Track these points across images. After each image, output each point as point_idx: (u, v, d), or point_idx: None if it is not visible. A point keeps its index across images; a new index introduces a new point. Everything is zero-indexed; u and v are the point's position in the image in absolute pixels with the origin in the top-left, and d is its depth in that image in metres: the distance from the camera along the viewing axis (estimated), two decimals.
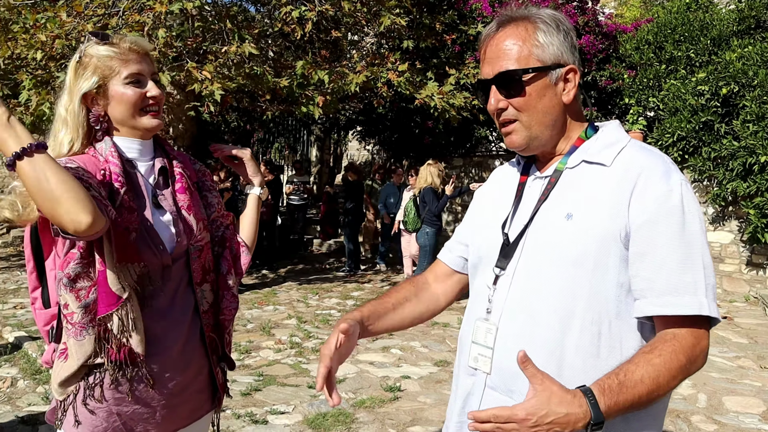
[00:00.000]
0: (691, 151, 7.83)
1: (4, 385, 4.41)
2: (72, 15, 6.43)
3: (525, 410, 1.04)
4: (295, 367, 4.88)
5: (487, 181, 1.52)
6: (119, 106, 1.54)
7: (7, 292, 7.64)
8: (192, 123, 8.58)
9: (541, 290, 1.20)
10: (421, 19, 8.64)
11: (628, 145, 1.24)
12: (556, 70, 1.23)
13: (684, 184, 1.16)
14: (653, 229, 1.13)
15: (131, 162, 1.58)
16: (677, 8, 9.31)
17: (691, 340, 1.12)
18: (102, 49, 1.52)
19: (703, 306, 1.12)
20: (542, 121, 1.24)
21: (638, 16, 11.37)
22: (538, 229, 1.24)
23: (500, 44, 1.24)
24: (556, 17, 1.25)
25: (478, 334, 1.27)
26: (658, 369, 1.09)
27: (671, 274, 1.12)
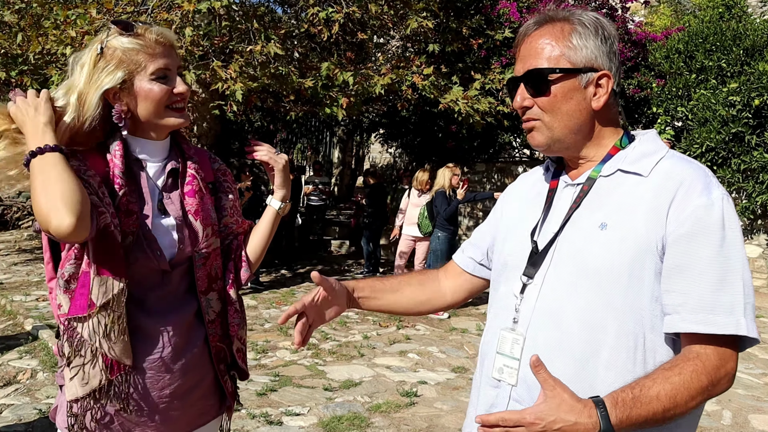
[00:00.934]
0: (719, 162, 7.68)
1: (24, 377, 4.45)
2: (102, 12, 6.50)
3: (534, 415, 1.03)
4: (312, 369, 4.86)
5: (514, 184, 1.48)
6: (145, 103, 1.45)
7: (30, 284, 7.74)
8: (216, 122, 8.63)
9: (571, 301, 1.16)
10: (447, 22, 8.60)
11: (666, 156, 1.19)
12: (587, 73, 1.19)
13: (725, 199, 1.11)
14: (691, 243, 1.09)
15: (140, 162, 1.50)
16: (710, 17, 9.16)
17: (716, 362, 1.08)
18: (126, 41, 1.43)
19: (741, 326, 1.07)
20: (566, 123, 1.21)
21: (668, 24, 11.21)
22: (569, 237, 1.20)
23: (534, 43, 1.22)
24: (597, 21, 1.21)
25: (504, 344, 1.23)
26: (677, 387, 1.05)
27: (707, 291, 1.08)
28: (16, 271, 8.71)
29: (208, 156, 1.68)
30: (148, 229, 1.46)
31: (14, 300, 6.67)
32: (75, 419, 1.43)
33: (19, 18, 6.69)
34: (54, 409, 1.53)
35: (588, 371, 1.12)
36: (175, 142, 1.59)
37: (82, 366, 1.42)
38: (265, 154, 1.68)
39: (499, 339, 1.25)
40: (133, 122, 1.48)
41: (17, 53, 6.64)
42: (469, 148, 10.60)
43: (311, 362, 5.04)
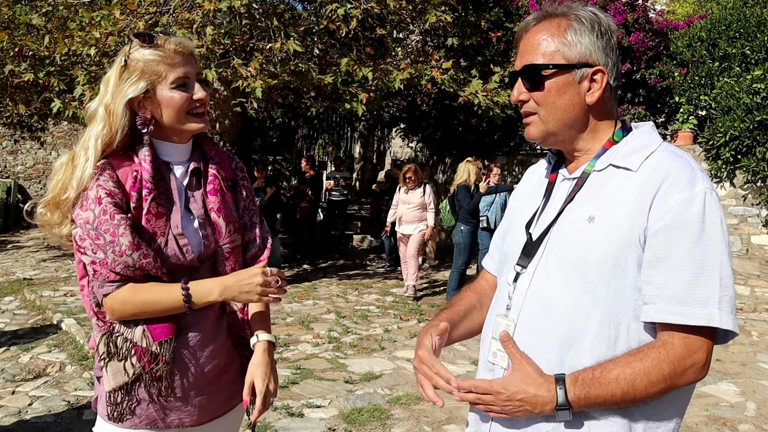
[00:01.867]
0: (744, 151, 7.54)
1: (53, 369, 4.58)
2: (125, 13, 6.62)
3: (500, 385, 1.16)
4: (333, 362, 4.93)
5: (521, 181, 1.53)
6: (167, 110, 1.54)
7: (59, 279, 7.94)
8: (238, 119, 8.73)
9: (559, 290, 1.20)
10: (466, 16, 8.57)
11: (657, 150, 1.22)
12: (581, 69, 1.22)
13: (709, 193, 1.13)
14: (670, 236, 1.12)
15: (167, 164, 1.61)
16: (733, 4, 8.98)
17: (682, 351, 1.11)
18: (147, 53, 1.52)
19: (713, 317, 1.10)
20: (560, 118, 1.24)
21: (691, 12, 11.03)
22: (560, 229, 1.25)
23: (532, 39, 1.26)
24: (593, 17, 1.23)
25: (498, 329, 1.29)
26: (636, 373, 1.10)
27: (682, 283, 1.11)
28: (45, 268, 8.93)
29: (227, 155, 1.77)
30: (178, 229, 1.56)
31: (43, 295, 6.85)
32: (113, 408, 1.55)
33: (46, 20, 6.84)
34: (95, 399, 1.65)
35: (571, 357, 1.17)
36: (197, 143, 1.69)
37: (117, 360, 1.54)
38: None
39: (494, 325, 1.31)
40: (158, 128, 1.58)
41: (44, 55, 6.79)
42: (490, 141, 10.56)
43: (332, 355, 5.10)
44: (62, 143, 14.81)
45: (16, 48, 6.67)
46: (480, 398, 1.17)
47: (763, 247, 7.58)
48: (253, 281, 1.54)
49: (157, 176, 1.55)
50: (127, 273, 1.48)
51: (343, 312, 6.66)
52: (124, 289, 1.49)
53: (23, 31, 6.89)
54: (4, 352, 4.96)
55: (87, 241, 1.47)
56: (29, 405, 3.93)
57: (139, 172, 1.53)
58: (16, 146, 14.23)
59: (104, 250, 1.46)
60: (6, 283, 7.81)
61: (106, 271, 1.47)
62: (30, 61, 6.84)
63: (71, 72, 6.82)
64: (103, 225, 1.46)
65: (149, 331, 1.53)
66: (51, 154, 14.74)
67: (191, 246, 1.57)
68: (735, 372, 4.99)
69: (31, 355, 4.87)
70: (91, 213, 1.47)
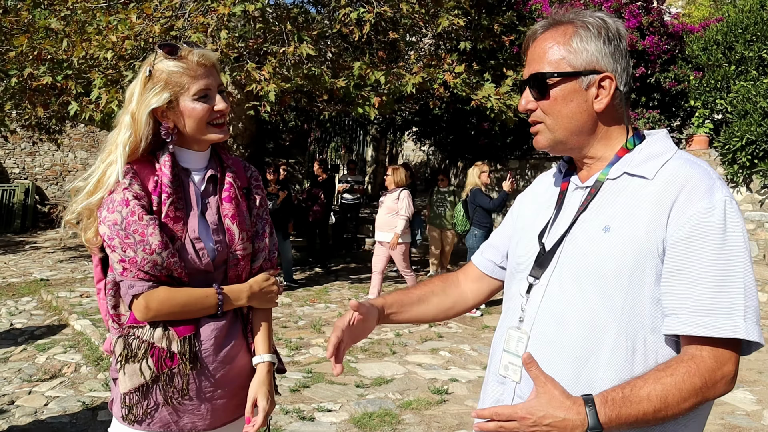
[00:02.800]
0: (761, 155, 7.47)
1: (68, 370, 4.64)
2: (141, 17, 6.69)
3: (525, 410, 1.08)
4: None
5: (530, 186, 1.52)
6: (189, 120, 1.60)
7: (75, 281, 8.02)
8: (251, 122, 8.79)
9: (574, 302, 1.18)
10: (479, 20, 8.56)
11: (673, 158, 1.19)
12: (588, 76, 1.20)
13: (728, 202, 1.11)
14: (690, 246, 1.09)
15: (186, 171, 1.66)
16: (749, 7, 8.90)
17: (711, 364, 1.08)
18: (171, 64, 1.58)
19: (738, 328, 1.07)
20: (566, 126, 1.23)
21: (707, 15, 10.94)
22: (574, 239, 1.22)
23: (538, 47, 1.25)
24: (600, 23, 1.21)
25: (510, 342, 1.27)
26: (668, 388, 1.06)
27: (705, 294, 1.08)
28: (62, 268, 9.03)
29: (243, 164, 1.83)
30: (195, 233, 1.60)
31: (59, 296, 6.93)
32: (128, 410, 1.59)
33: (64, 24, 6.93)
34: (111, 401, 1.69)
35: (588, 371, 1.15)
36: (215, 151, 1.75)
37: (134, 362, 1.58)
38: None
39: (506, 337, 1.28)
40: (179, 136, 1.64)
41: (62, 58, 6.88)
42: (502, 145, 10.54)
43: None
44: (79, 145, 14.98)
45: (35, 51, 6.77)
46: (503, 426, 1.10)
47: None
48: (273, 288, 1.72)
49: (176, 182, 1.60)
50: (155, 272, 1.53)
51: None
52: (161, 290, 1.55)
53: (42, 34, 6.99)
54: (21, 352, 5.03)
55: (116, 240, 1.51)
56: (45, 405, 3.97)
57: (159, 177, 1.58)
58: (34, 148, 14.41)
59: (134, 249, 1.50)
60: (23, 283, 7.91)
61: (135, 269, 1.52)
62: (48, 64, 6.94)
63: (88, 75, 6.91)
64: (131, 225, 1.50)
65: (172, 330, 1.58)
66: (68, 156, 14.92)
67: (207, 250, 1.62)
68: (752, 380, 4.93)
69: (47, 356, 4.93)
70: (118, 215, 1.52)
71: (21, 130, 10.99)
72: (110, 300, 1.60)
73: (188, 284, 1.60)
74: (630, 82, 1.25)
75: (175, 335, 1.58)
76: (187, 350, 1.58)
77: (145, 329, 1.59)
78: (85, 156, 15.03)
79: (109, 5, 7.19)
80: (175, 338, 1.58)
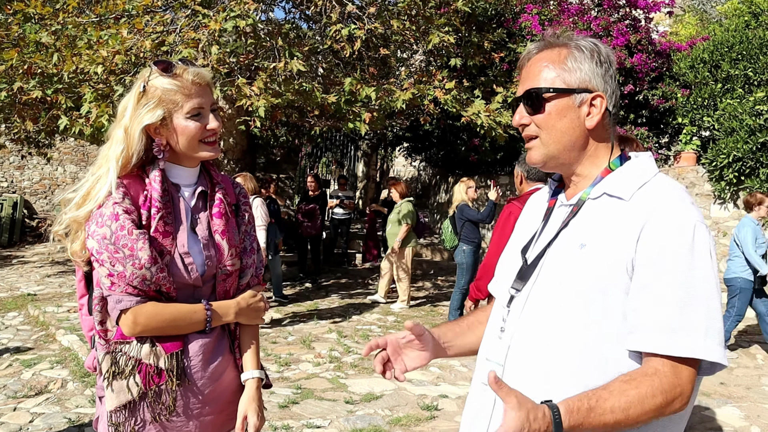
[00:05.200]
0: (747, 172, 7.56)
1: (54, 386, 4.58)
2: (132, 32, 6.71)
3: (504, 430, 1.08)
4: (333, 382, 4.91)
5: (527, 202, 1.56)
6: (181, 138, 1.60)
7: (63, 295, 7.95)
8: (242, 137, 8.79)
9: (550, 315, 1.23)
10: (469, 37, 8.65)
11: (651, 181, 1.24)
12: (581, 93, 1.26)
13: (698, 225, 1.15)
14: (657, 266, 1.13)
15: (176, 186, 1.67)
16: (735, 26, 9.05)
17: (672, 380, 1.11)
18: (166, 82, 1.58)
19: (697, 348, 1.11)
20: (560, 140, 1.28)
21: (693, 33, 11.10)
22: (554, 254, 1.27)
23: (533, 66, 1.31)
24: (593, 47, 1.28)
25: (491, 351, 1.31)
26: (631, 401, 1.10)
27: (668, 313, 1.12)
28: (49, 283, 8.95)
29: (231, 181, 1.84)
30: (184, 248, 1.60)
31: (47, 311, 6.86)
32: (115, 428, 1.57)
33: (55, 39, 6.93)
34: (96, 419, 1.67)
35: (560, 382, 1.19)
36: (204, 167, 1.76)
37: (121, 378, 1.56)
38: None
39: (489, 347, 1.33)
40: (170, 152, 1.64)
41: (53, 72, 6.88)
42: (493, 161, 10.60)
43: (333, 375, 5.08)
44: (68, 159, 14.92)
45: (25, 65, 6.76)
46: None
47: None
48: (260, 305, 1.73)
49: (165, 196, 1.60)
50: (143, 287, 1.52)
51: (345, 331, 6.65)
52: (149, 305, 1.54)
53: (32, 49, 6.98)
54: (6, 368, 4.96)
55: (105, 254, 1.51)
56: (30, 422, 3.92)
57: (149, 192, 1.58)
58: (23, 162, 14.34)
59: (123, 263, 1.50)
60: (10, 298, 7.83)
61: (124, 284, 1.51)
62: (38, 78, 6.92)
63: (79, 89, 6.90)
64: (121, 240, 1.50)
65: (160, 346, 1.57)
66: (57, 170, 14.84)
67: (196, 265, 1.62)
68: (739, 396, 4.95)
69: (33, 372, 4.87)
70: (107, 229, 1.51)
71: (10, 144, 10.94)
72: (97, 315, 1.59)
73: (176, 299, 1.60)
74: (617, 104, 1.31)
75: (163, 351, 1.57)
76: (174, 366, 1.57)
77: (132, 345, 1.58)
78: (74, 170, 14.96)
79: (101, 20, 7.20)
80: (163, 354, 1.57)
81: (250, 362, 1.73)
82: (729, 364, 1.16)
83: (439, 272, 10.66)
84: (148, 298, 1.54)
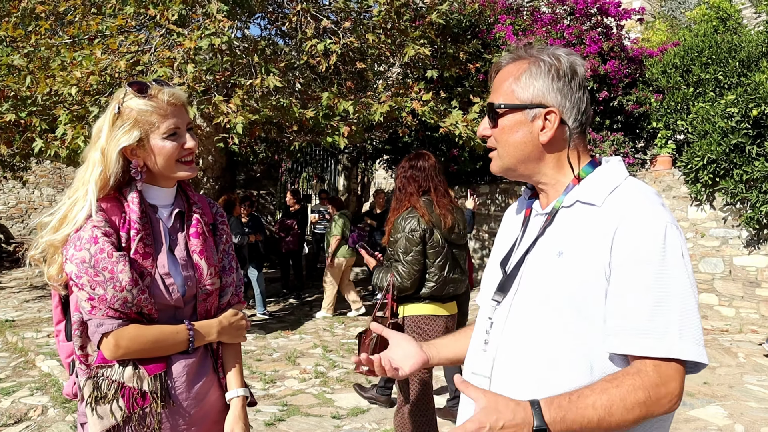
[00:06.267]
0: (722, 174, 7.68)
1: (35, 413, 4.49)
2: (107, 52, 6.67)
3: (476, 421, 1.08)
4: (320, 397, 4.87)
5: (507, 211, 1.56)
6: (158, 158, 1.60)
7: (42, 320, 7.81)
8: (221, 154, 8.75)
9: (533, 325, 1.23)
10: (445, 48, 8.72)
11: (622, 185, 1.25)
12: (534, 109, 1.27)
13: (669, 227, 1.16)
14: (630, 270, 1.15)
15: (154, 207, 1.65)
16: (704, 31, 9.22)
17: (656, 379, 1.11)
18: (141, 103, 1.58)
19: (673, 349, 1.12)
20: (513, 154, 1.31)
21: (665, 39, 11.29)
22: (532, 264, 1.28)
23: (498, 78, 1.34)
24: (551, 61, 1.28)
25: (476, 364, 1.31)
26: (613, 399, 1.10)
27: (643, 315, 1.13)
28: (28, 308, 8.80)
29: (208, 201, 1.84)
30: (164, 269, 1.59)
31: (25, 337, 6.74)
32: None
33: (27, 61, 6.87)
34: None
35: (549, 390, 1.17)
36: (180, 187, 1.75)
37: (104, 403, 1.54)
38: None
39: (473, 360, 1.33)
40: (147, 173, 1.63)
41: (26, 95, 6.80)
42: (472, 171, 10.65)
43: (319, 390, 5.05)
44: (45, 182, 14.73)
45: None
46: None
47: (745, 268, 7.67)
48: (242, 323, 1.73)
49: (144, 218, 1.59)
50: (125, 309, 1.50)
51: (330, 346, 6.61)
52: (130, 328, 1.52)
53: (5, 71, 6.91)
54: None
55: (84, 278, 1.49)
56: None
57: (127, 214, 1.57)
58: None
59: (104, 287, 1.48)
60: None
61: (105, 307, 1.49)
62: (11, 101, 6.84)
63: (53, 111, 6.83)
64: (101, 263, 1.48)
65: (143, 368, 1.55)
66: (34, 193, 14.64)
67: (176, 286, 1.60)
68: (723, 395, 4.99)
69: (13, 399, 4.77)
70: (86, 252, 1.49)
71: None
72: (77, 340, 1.56)
73: (158, 320, 1.58)
74: (582, 116, 1.30)
75: (146, 373, 1.55)
76: (158, 388, 1.55)
77: (114, 369, 1.55)
78: (51, 193, 14.77)
79: (74, 41, 7.16)
80: (146, 377, 1.55)
81: (234, 381, 1.72)
82: (709, 362, 1.17)
83: None
84: (129, 320, 1.52)
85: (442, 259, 3.18)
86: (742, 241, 7.70)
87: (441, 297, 3.21)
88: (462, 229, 3.32)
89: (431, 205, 3.20)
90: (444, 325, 3.21)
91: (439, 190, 3.24)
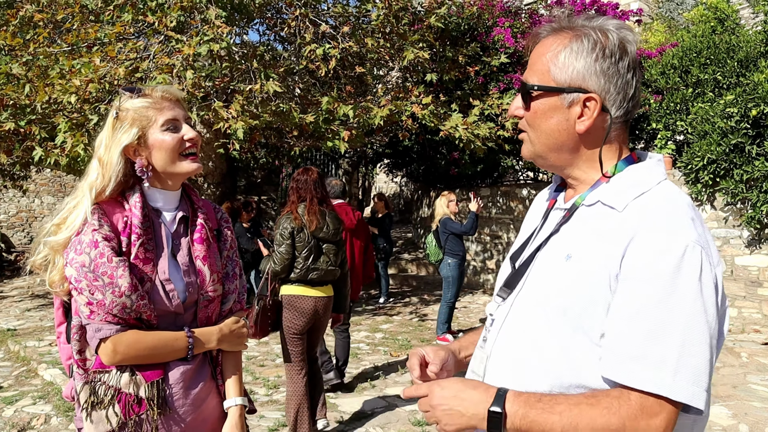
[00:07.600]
0: (722, 174, 7.67)
1: (38, 422, 4.47)
2: (105, 60, 6.68)
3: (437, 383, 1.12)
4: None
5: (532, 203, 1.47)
6: (159, 152, 1.59)
7: (44, 329, 7.80)
8: (222, 160, 8.76)
9: (529, 326, 1.15)
10: (444, 52, 8.74)
11: (652, 190, 1.10)
12: (572, 94, 1.12)
13: (692, 247, 1.00)
14: (636, 288, 1.01)
15: (157, 211, 1.64)
16: (702, 31, 9.24)
17: (635, 411, 0.97)
18: (137, 101, 1.59)
19: (663, 385, 0.96)
20: (545, 141, 1.17)
21: (663, 41, 11.31)
22: (541, 263, 1.19)
23: (536, 52, 1.18)
24: (599, 38, 1.11)
25: (475, 361, 1.26)
26: (582, 415, 0.99)
27: (638, 338, 0.99)
28: (30, 317, 8.78)
29: (213, 206, 1.83)
30: (165, 275, 1.58)
31: (27, 346, 6.72)
32: None
33: (26, 69, 6.88)
34: None
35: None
36: (185, 192, 1.74)
37: (100, 408, 1.53)
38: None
39: (474, 357, 1.28)
40: (153, 172, 1.62)
41: (25, 104, 6.81)
42: (473, 174, 10.65)
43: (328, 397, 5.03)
44: (45, 191, 14.74)
45: None
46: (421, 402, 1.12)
47: (747, 268, 7.66)
48: (243, 331, 1.72)
49: (146, 222, 1.58)
50: (124, 315, 1.49)
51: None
52: (129, 333, 1.52)
53: (3, 80, 6.92)
54: None
55: (84, 282, 1.48)
56: None
57: (129, 218, 1.56)
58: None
59: (103, 292, 1.47)
60: None
61: (104, 312, 1.48)
62: (11, 110, 6.85)
63: (52, 120, 6.84)
64: (100, 268, 1.47)
65: (140, 374, 1.54)
66: (34, 202, 14.65)
67: (177, 292, 1.59)
68: (726, 395, 4.98)
69: (15, 408, 4.76)
70: (86, 256, 1.48)
71: None
72: (75, 344, 1.55)
73: (157, 326, 1.57)
74: (629, 102, 1.13)
75: (143, 380, 1.54)
76: (155, 395, 1.54)
77: (111, 374, 1.55)
78: (52, 201, 14.77)
79: (72, 49, 7.17)
80: (143, 383, 1.54)
81: (232, 389, 1.71)
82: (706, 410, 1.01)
83: (425, 287, 10.64)
84: (128, 326, 1.52)
85: (307, 251, 3.94)
86: (743, 240, 7.69)
87: (307, 281, 3.95)
88: (331, 229, 4.05)
89: (305, 210, 3.95)
90: (313, 304, 3.95)
91: (314, 199, 3.99)
